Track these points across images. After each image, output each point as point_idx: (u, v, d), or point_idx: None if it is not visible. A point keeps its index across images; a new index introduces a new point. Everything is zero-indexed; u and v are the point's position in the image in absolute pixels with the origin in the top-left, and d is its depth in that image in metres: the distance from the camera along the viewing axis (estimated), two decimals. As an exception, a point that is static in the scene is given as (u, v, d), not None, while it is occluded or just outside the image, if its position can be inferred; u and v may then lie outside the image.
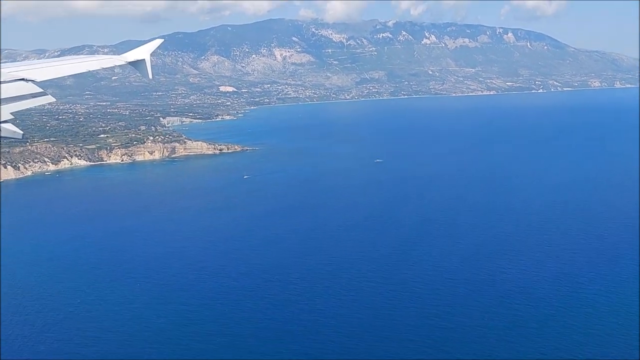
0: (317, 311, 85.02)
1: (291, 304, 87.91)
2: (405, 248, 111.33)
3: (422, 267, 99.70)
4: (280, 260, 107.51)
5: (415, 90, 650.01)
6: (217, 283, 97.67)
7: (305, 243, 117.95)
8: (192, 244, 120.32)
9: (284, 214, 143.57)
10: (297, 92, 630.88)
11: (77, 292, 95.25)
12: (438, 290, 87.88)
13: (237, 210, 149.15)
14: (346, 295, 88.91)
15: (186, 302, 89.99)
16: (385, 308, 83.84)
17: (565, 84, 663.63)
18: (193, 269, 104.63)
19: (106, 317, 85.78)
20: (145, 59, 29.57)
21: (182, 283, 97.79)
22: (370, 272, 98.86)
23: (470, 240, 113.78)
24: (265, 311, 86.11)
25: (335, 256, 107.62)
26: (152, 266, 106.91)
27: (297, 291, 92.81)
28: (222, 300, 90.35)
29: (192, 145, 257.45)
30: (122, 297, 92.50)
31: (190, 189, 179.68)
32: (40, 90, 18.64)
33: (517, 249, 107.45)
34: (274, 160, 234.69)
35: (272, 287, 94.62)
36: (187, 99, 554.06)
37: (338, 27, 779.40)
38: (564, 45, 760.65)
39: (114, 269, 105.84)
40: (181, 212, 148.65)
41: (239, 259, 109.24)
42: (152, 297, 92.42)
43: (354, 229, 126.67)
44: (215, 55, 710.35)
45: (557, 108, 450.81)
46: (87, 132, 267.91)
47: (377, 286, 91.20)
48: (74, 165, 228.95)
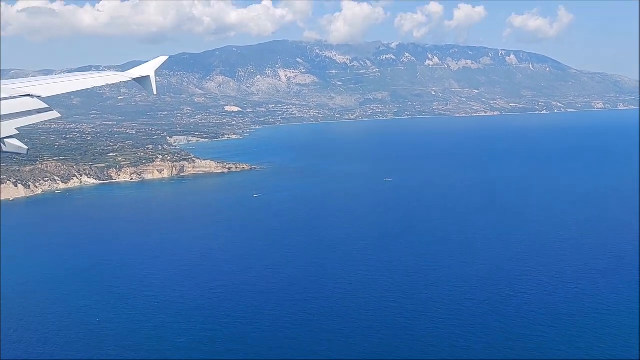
0: (336, 331, 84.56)
1: (310, 324, 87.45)
2: (422, 267, 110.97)
3: (442, 287, 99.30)
4: (297, 280, 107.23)
5: (418, 111, 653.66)
6: (235, 301, 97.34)
7: (322, 262, 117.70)
8: (208, 262, 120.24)
9: (297, 232, 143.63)
10: (302, 112, 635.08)
11: (95, 309, 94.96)
12: (460, 311, 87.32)
13: (250, 229, 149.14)
14: (366, 315, 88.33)
15: (205, 321, 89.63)
16: (405, 328, 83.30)
17: (569, 105, 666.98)
18: (211, 286, 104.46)
19: (125, 335, 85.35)
20: (150, 75, 29.97)
21: (200, 301, 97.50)
22: (389, 292, 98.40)
23: (488, 260, 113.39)
24: (285, 330, 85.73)
25: (353, 275, 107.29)
26: (168, 284, 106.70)
27: (317, 310, 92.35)
28: (240, 319, 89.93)
29: (201, 164, 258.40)
30: (140, 315, 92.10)
31: (202, 207, 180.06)
32: (45, 106, 18.76)
33: (535, 268, 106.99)
34: (283, 179, 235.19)
35: (292, 306, 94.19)
36: (193, 119, 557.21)
37: (342, 49, 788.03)
38: (566, 67, 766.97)
39: (131, 286, 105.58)
40: (195, 230, 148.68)
41: (256, 277, 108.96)
42: (170, 315, 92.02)
43: (369, 248, 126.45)
44: (221, 76, 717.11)
45: (565, 129, 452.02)
46: (95, 151, 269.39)
47: (397, 306, 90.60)
48: (83, 183, 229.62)
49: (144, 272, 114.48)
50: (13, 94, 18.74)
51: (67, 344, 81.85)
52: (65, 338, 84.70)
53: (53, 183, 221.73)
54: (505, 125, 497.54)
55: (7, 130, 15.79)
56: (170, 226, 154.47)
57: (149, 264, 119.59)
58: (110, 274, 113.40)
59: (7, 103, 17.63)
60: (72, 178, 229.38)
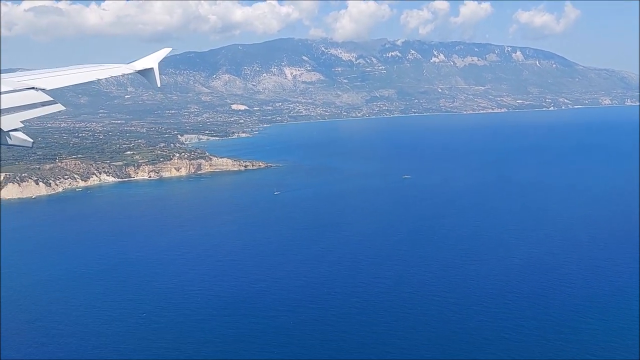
0: (382, 323, 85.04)
1: (353, 317, 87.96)
2: (459, 261, 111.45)
3: (482, 281, 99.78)
4: (334, 274, 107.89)
5: (425, 108, 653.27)
6: (277, 295, 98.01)
7: (355, 257, 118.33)
8: (242, 257, 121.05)
9: (325, 229, 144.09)
10: (309, 110, 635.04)
11: (139, 304, 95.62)
12: (506, 305, 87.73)
13: (279, 225, 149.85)
14: (413, 309, 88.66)
15: (251, 314, 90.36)
16: (455, 322, 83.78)
17: (576, 102, 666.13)
18: (250, 281, 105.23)
19: (173, 327, 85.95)
20: (154, 67, 29.84)
21: (243, 295, 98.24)
22: (429, 285, 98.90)
23: (523, 254, 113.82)
24: (330, 322, 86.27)
25: (391, 270, 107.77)
26: (208, 278, 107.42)
27: (359, 304, 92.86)
28: (286, 312, 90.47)
29: (218, 161, 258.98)
30: (185, 309, 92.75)
31: (226, 204, 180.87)
32: (50, 99, 18.63)
33: (573, 262, 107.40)
34: (300, 176, 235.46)
35: (332, 300, 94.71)
36: (200, 117, 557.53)
37: (347, 46, 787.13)
38: (572, 63, 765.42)
39: (170, 281, 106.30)
40: (223, 226, 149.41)
41: (293, 272, 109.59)
42: (216, 308, 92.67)
43: (402, 243, 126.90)
44: (227, 74, 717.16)
45: (576, 125, 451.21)
46: (112, 149, 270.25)
47: (442, 300, 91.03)
48: (102, 181, 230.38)
49: (181, 267, 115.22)
50: (17, 87, 18.58)
51: (119, 336, 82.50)
52: (116, 331, 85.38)
53: (73, 181, 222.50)
54: (515, 122, 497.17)
55: (12, 123, 15.68)
56: (199, 223, 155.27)
57: (185, 260, 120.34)
58: (148, 270, 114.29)
59: (12, 96, 17.53)
60: (92, 176, 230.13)
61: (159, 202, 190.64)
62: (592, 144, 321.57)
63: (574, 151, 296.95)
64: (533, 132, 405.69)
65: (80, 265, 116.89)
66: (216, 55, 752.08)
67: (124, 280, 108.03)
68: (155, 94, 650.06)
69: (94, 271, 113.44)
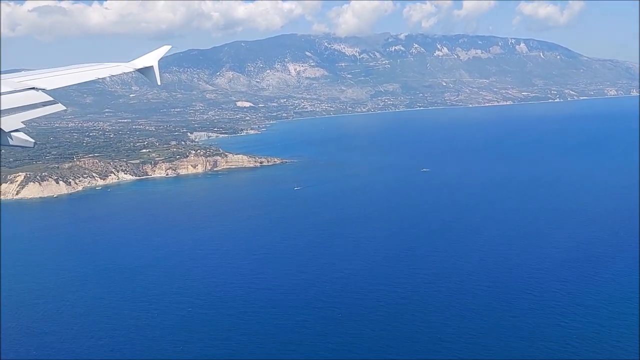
0: (431, 313, 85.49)
1: (403, 308, 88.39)
2: (498, 251, 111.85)
3: (526, 269, 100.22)
4: (371, 267, 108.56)
5: (430, 102, 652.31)
6: (319, 287, 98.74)
7: (389, 250, 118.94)
8: (277, 251, 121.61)
9: (354, 222, 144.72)
10: (314, 105, 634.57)
11: (184, 297, 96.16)
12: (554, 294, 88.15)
13: (306, 220, 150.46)
14: (460, 300, 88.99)
15: (297, 305, 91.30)
16: (507, 311, 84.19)
17: (581, 93, 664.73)
18: (291, 274, 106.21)
19: (221, 319, 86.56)
20: (154, 65, 29.49)
21: (286, 288, 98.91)
22: (473, 275, 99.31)
23: (561, 243, 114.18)
24: (379, 313, 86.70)
25: (432, 261, 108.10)
26: (247, 273, 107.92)
27: (406, 295, 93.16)
28: (334, 304, 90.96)
29: (233, 158, 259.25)
30: (231, 301, 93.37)
31: (248, 200, 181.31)
32: (50, 99, 18.43)
33: (616, 252, 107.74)
34: (317, 171, 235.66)
35: (375, 292, 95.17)
36: (206, 115, 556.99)
37: (350, 41, 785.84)
38: (576, 54, 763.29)
39: (210, 275, 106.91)
40: (251, 222, 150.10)
41: (330, 265, 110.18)
42: (263, 300, 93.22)
43: (437, 234, 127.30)
44: (230, 71, 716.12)
45: (585, 117, 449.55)
46: (127, 147, 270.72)
47: (491, 290, 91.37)
48: (120, 179, 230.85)
49: (217, 262, 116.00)
50: (17, 87, 18.49)
51: (166, 329, 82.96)
52: (163, 323, 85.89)
53: (92, 179, 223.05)
54: (523, 115, 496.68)
55: (13, 124, 15.55)
56: (226, 218, 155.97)
57: (220, 255, 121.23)
58: (185, 265, 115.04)
59: (12, 96, 17.43)
60: (110, 174, 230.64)
61: (181, 199, 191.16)
62: (607, 135, 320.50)
63: (590, 143, 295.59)
64: (544, 124, 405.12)
65: (120, 262, 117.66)
66: (219, 52, 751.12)
67: (165, 275, 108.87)
68: (160, 92, 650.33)
69: (134, 267, 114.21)
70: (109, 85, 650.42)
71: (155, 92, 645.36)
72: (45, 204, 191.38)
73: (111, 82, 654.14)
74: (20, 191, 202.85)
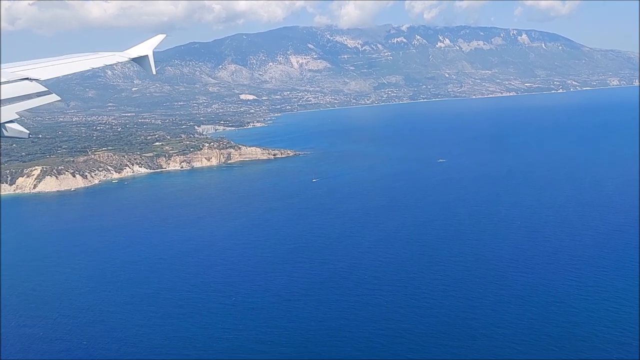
0: (475, 298, 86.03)
1: (447, 295, 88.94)
2: (528, 241, 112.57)
3: (564, 257, 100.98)
4: (410, 254, 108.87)
5: (434, 94, 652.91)
6: (360, 275, 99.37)
7: (424, 238, 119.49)
8: (311, 242, 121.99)
9: (379, 212, 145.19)
10: (318, 98, 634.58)
11: (227, 287, 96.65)
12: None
13: (331, 211, 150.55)
14: (514, 290, 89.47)
15: (339, 292, 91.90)
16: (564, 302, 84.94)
17: (584, 84, 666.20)
18: (328, 261, 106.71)
19: (268, 308, 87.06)
20: (148, 54, 29.45)
21: (324, 276, 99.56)
22: (516, 262, 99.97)
23: (600, 230, 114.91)
24: (425, 299, 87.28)
25: (462, 253, 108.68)
26: (281, 262, 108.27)
27: (448, 284, 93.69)
28: (373, 290, 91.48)
29: (247, 150, 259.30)
30: (275, 289, 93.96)
31: (269, 192, 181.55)
32: (45, 89, 18.31)
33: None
34: (332, 163, 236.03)
35: (418, 278, 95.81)
36: (210, 108, 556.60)
37: (352, 33, 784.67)
38: (578, 45, 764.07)
39: (249, 264, 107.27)
40: (276, 213, 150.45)
41: (368, 253, 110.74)
42: (301, 289, 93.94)
43: (464, 224, 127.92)
44: (233, 64, 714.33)
45: (593, 106, 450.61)
46: (139, 141, 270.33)
47: (543, 283, 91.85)
48: (135, 172, 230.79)
49: (253, 252, 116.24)
50: (11, 77, 18.25)
51: (211, 321, 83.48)
52: (209, 313, 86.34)
53: (107, 173, 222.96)
54: (528, 105, 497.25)
55: (8, 115, 15.43)
56: (250, 210, 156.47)
57: (252, 245, 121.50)
58: (218, 255, 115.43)
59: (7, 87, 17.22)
60: (125, 168, 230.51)
61: (203, 191, 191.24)
62: (616, 125, 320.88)
63: (599, 131, 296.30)
64: (550, 114, 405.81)
65: (154, 252, 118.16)
66: (221, 45, 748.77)
67: (200, 265, 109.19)
68: (163, 86, 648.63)
69: (167, 257, 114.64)
70: (111, 79, 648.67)
71: (157, 86, 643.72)
72: (65, 198, 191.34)
73: (113, 76, 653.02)
74: (38, 185, 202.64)
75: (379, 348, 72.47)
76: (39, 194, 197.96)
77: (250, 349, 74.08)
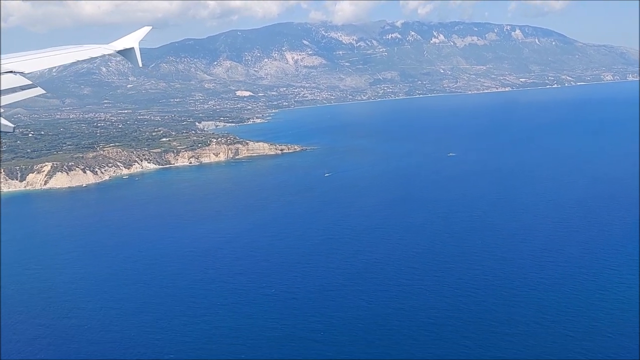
0: (510, 288, 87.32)
1: (488, 284, 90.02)
2: (557, 229, 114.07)
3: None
4: (442, 245, 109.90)
5: (429, 89, 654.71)
6: (395, 266, 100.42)
7: (451, 229, 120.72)
8: (336, 234, 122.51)
9: (401, 205, 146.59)
10: (314, 94, 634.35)
11: (267, 277, 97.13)
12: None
13: (352, 204, 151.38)
14: (552, 281, 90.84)
15: (378, 282, 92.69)
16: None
17: (578, 79, 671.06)
18: (360, 253, 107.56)
19: (310, 301, 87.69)
20: (134, 47, 29.27)
21: (358, 268, 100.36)
22: (551, 255, 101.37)
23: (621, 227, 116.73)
24: (465, 288, 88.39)
25: (494, 243, 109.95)
26: (311, 255, 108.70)
27: (486, 273, 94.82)
28: (412, 280, 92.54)
29: (254, 146, 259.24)
30: (314, 281, 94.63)
31: (283, 186, 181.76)
32: (29, 83, 18.10)
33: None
34: (340, 158, 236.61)
35: (460, 272, 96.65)
36: (206, 105, 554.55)
37: (347, 29, 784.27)
38: (571, 40, 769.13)
39: (277, 259, 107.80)
40: (294, 207, 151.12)
41: (399, 245, 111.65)
42: (338, 280, 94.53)
43: (489, 215, 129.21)
44: (228, 61, 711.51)
45: (591, 100, 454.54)
46: (144, 137, 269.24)
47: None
48: (144, 168, 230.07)
49: (283, 244, 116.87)
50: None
51: (256, 310, 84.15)
52: (252, 304, 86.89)
53: (117, 169, 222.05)
54: (526, 100, 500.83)
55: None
56: (269, 204, 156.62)
57: (279, 238, 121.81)
58: (249, 247, 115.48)
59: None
60: (134, 163, 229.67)
61: (215, 186, 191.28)
62: (616, 118, 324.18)
63: (602, 125, 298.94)
64: (552, 108, 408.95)
65: (183, 246, 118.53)
66: (215, 41, 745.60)
67: (232, 257, 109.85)
68: (158, 83, 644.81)
69: (198, 250, 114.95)
70: (105, 75, 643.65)
71: (153, 83, 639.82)
72: (78, 193, 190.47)
73: (108, 73, 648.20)
74: (49, 181, 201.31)
75: (431, 336, 73.42)
76: (50, 190, 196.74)
77: (304, 337, 74.71)
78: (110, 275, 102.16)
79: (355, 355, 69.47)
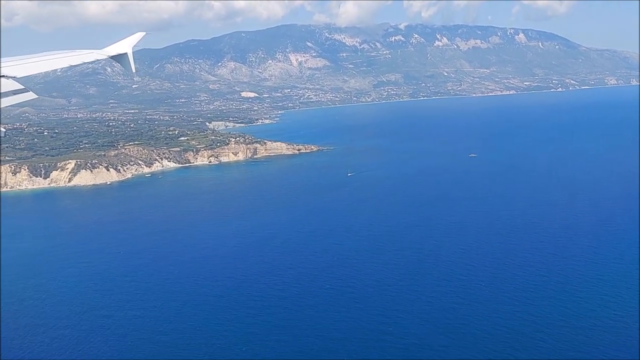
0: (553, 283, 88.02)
1: (553, 281, 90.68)
2: (607, 231, 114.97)
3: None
4: (493, 247, 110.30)
5: (433, 92, 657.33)
6: (446, 261, 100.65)
7: (496, 229, 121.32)
8: (376, 231, 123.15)
9: (435, 204, 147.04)
10: (318, 96, 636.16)
11: (321, 271, 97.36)
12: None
13: (384, 203, 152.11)
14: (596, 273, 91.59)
15: (445, 283, 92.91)
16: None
17: (582, 83, 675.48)
18: (404, 249, 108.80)
19: (372, 293, 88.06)
20: (128, 52, 29.18)
21: (409, 261, 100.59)
22: (607, 251, 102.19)
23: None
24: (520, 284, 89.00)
25: (544, 240, 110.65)
26: (357, 249, 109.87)
27: (549, 270, 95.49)
28: (462, 274, 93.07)
29: (272, 146, 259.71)
30: (359, 275, 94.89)
31: (309, 185, 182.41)
32: (21, 87, 18.14)
33: None
34: (359, 157, 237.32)
35: (520, 270, 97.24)
36: (212, 105, 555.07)
37: (351, 31, 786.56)
38: (575, 44, 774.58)
39: (324, 253, 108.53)
40: (330, 204, 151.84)
41: (445, 242, 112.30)
42: (386, 275, 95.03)
43: (528, 215, 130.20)
44: (232, 62, 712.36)
45: (600, 104, 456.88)
46: (161, 136, 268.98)
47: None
48: (165, 167, 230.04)
49: (325, 240, 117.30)
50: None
51: (318, 302, 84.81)
52: (312, 296, 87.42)
53: (138, 167, 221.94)
54: (532, 103, 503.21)
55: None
56: (298, 202, 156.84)
57: (323, 233, 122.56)
58: (295, 242, 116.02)
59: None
60: (154, 162, 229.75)
61: (242, 184, 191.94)
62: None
63: (617, 127, 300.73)
64: (563, 111, 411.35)
65: (230, 240, 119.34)
66: (219, 43, 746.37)
67: (281, 252, 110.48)
68: (163, 83, 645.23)
69: (246, 244, 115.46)
70: (111, 76, 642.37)
71: (158, 83, 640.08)
72: (104, 191, 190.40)
73: (113, 73, 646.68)
74: (73, 178, 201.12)
75: (505, 328, 74.05)
76: (75, 187, 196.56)
77: (374, 329, 75.14)
78: (169, 268, 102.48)
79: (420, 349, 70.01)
